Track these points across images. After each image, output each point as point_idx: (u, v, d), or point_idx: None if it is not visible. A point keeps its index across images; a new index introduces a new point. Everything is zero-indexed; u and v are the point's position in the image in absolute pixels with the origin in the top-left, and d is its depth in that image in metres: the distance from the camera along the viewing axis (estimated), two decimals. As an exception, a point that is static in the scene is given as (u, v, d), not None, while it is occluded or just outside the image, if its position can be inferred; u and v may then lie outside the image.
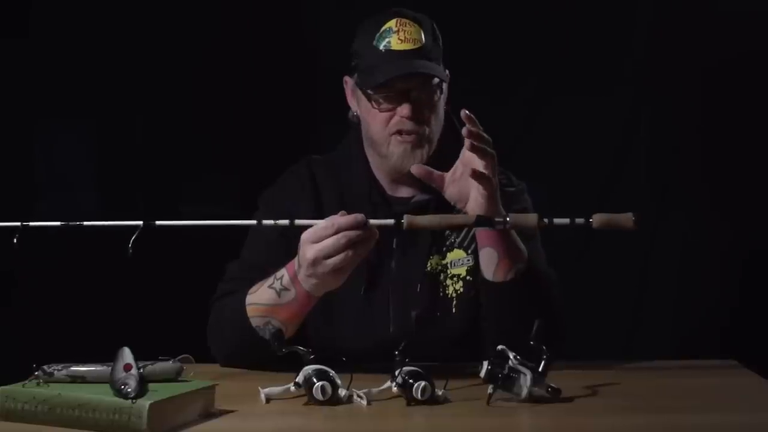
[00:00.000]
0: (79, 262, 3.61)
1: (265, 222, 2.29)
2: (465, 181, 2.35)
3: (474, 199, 2.34)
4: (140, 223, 2.17)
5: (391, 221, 2.23)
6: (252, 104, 3.80)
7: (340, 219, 2.20)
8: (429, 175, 2.40)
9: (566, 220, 2.23)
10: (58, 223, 2.23)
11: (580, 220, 2.22)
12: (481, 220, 2.27)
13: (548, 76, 3.93)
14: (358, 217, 2.20)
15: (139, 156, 3.90)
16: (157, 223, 2.20)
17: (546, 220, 2.24)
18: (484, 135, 2.28)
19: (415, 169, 2.40)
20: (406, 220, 2.22)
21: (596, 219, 2.23)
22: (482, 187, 2.31)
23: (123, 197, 3.85)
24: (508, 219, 2.26)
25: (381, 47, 2.47)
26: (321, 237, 2.20)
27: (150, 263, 3.30)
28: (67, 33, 3.83)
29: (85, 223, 2.23)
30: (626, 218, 2.24)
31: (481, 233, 2.39)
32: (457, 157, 2.39)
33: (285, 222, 2.27)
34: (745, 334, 3.77)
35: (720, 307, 3.93)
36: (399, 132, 2.48)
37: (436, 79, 2.48)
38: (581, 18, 3.89)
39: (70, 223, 2.23)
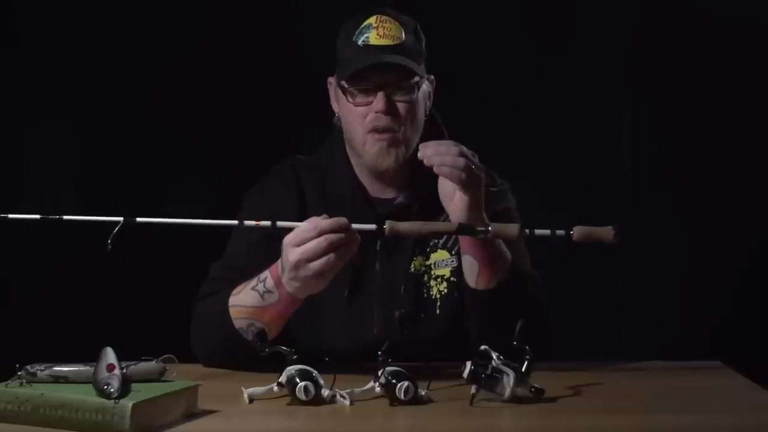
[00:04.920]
0: (62, 261, 3.60)
1: (247, 222, 2.29)
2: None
3: (455, 205, 2.35)
4: (120, 219, 2.17)
5: (373, 226, 2.23)
6: (236, 104, 3.79)
7: (322, 222, 2.20)
8: None
9: (547, 232, 2.23)
10: (37, 216, 2.22)
11: (560, 232, 2.22)
12: (462, 228, 2.26)
13: (532, 77, 3.93)
14: (341, 220, 2.20)
15: (123, 156, 3.89)
16: (138, 219, 2.19)
17: (527, 230, 2.25)
18: (446, 163, 2.28)
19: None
20: (387, 225, 2.22)
21: (577, 231, 2.23)
22: (464, 196, 2.32)
23: (106, 197, 3.83)
24: (489, 228, 2.26)
25: (359, 42, 2.48)
26: (303, 240, 2.19)
27: (133, 263, 3.32)
28: (52, 33, 3.82)
29: (65, 217, 2.22)
30: (606, 231, 2.23)
31: (463, 240, 2.39)
32: None
33: (267, 223, 2.26)
34: (729, 335, 3.77)
35: (704, 308, 3.93)
36: (375, 130, 2.48)
37: (415, 78, 2.49)
38: (565, 17, 3.89)
39: (50, 217, 2.22)
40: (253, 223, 2.28)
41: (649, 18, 3.93)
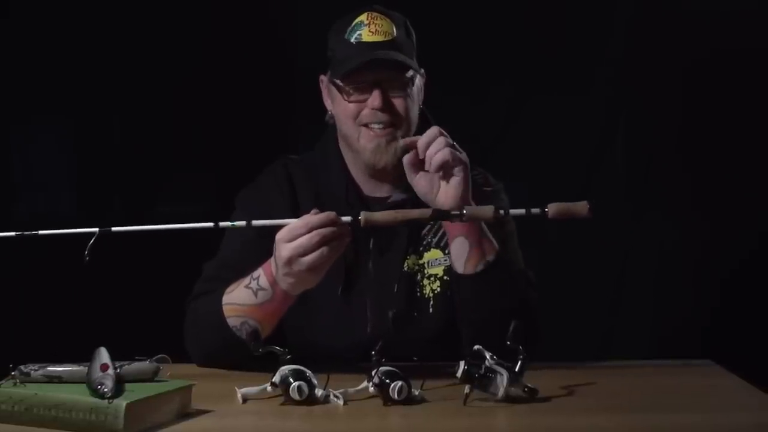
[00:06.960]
0: (55, 261, 3.59)
1: (222, 224, 2.29)
2: (433, 175, 2.38)
3: (444, 191, 2.37)
4: (96, 230, 2.18)
5: (348, 218, 2.24)
6: (230, 104, 3.79)
7: (312, 217, 2.21)
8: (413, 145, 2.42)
9: (522, 211, 2.24)
10: (12, 234, 2.24)
11: (535, 210, 2.23)
12: (437, 214, 2.28)
13: (526, 77, 3.94)
14: (331, 214, 2.21)
15: (117, 156, 3.89)
16: (113, 229, 2.20)
17: (502, 211, 2.26)
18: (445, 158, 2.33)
19: (402, 142, 2.44)
20: (362, 216, 2.23)
21: (552, 208, 2.23)
22: (455, 182, 2.34)
23: (100, 197, 3.83)
24: (464, 211, 2.27)
25: (352, 39, 2.48)
26: (295, 236, 2.20)
27: (127, 263, 3.31)
28: (47, 33, 3.81)
29: (41, 232, 2.24)
30: (582, 206, 2.24)
31: (449, 225, 2.40)
32: None
33: (242, 223, 2.27)
34: (722, 335, 3.78)
35: (697, 308, 3.94)
36: (368, 125, 2.48)
37: (410, 72, 2.49)
38: (560, 17, 3.90)
39: (25, 233, 2.23)
40: (228, 223, 2.29)
41: (643, 20, 3.93)
